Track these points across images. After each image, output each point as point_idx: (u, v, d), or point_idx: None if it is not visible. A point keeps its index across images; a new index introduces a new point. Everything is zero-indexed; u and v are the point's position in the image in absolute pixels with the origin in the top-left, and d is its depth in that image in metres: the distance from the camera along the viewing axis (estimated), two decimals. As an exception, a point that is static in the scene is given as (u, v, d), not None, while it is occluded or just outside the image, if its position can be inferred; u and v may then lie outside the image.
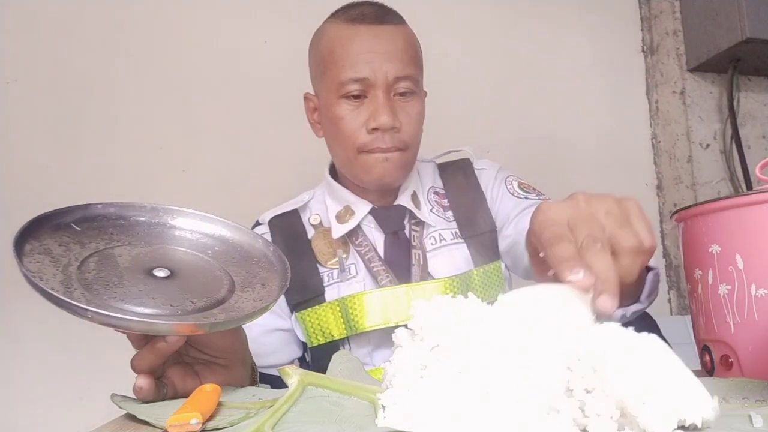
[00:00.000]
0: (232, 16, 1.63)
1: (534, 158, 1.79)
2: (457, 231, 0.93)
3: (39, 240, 0.53)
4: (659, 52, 1.97)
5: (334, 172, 0.98)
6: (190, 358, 0.59)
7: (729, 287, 0.51)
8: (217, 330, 0.54)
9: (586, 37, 1.94)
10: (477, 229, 0.93)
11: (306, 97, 0.97)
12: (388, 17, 0.88)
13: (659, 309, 1.88)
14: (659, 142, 1.96)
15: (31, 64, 1.48)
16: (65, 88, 1.50)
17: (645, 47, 2.00)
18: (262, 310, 0.55)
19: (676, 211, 0.58)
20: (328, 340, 0.88)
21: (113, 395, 0.54)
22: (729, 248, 0.51)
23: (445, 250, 0.92)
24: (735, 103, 1.89)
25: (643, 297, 0.60)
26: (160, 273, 0.56)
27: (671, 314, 1.90)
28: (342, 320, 0.87)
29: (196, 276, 0.58)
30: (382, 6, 0.90)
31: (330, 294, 0.89)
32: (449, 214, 0.95)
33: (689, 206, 0.55)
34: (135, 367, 0.54)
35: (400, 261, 0.90)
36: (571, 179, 1.77)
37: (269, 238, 0.93)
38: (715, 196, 0.53)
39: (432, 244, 0.92)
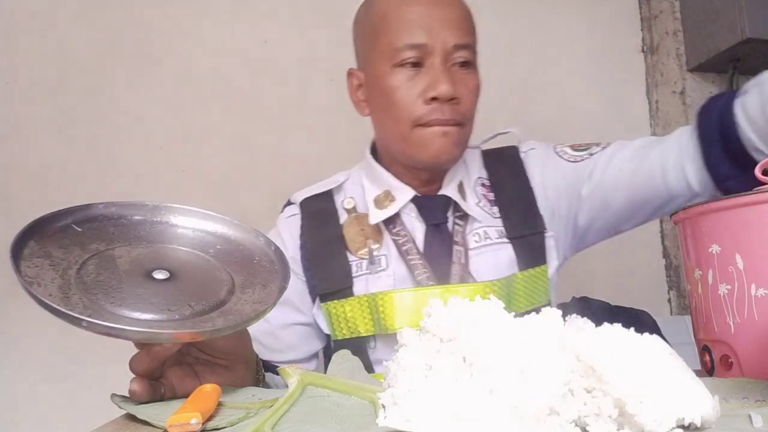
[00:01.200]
0: (232, 16, 1.64)
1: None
2: (503, 230, 0.87)
3: (39, 243, 0.53)
4: (659, 52, 1.97)
5: (375, 155, 0.92)
6: (191, 359, 0.59)
7: (729, 287, 0.51)
8: (216, 336, 0.53)
9: (586, 37, 1.94)
10: (525, 230, 0.87)
11: (350, 73, 0.90)
12: None
13: (659, 309, 1.88)
14: (659, 142, 1.96)
15: (31, 64, 1.48)
16: (65, 88, 1.50)
17: (645, 47, 2.00)
18: (261, 314, 0.55)
19: (676, 211, 0.58)
20: (353, 336, 0.83)
21: (113, 395, 0.54)
22: (729, 248, 0.51)
23: (489, 250, 0.85)
24: (735, 103, 1.89)
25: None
26: (159, 275, 0.55)
27: (671, 314, 1.90)
28: (370, 317, 0.82)
29: (196, 277, 0.57)
30: None
31: (358, 287, 0.84)
32: (495, 209, 0.89)
33: (689, 206, 0.55)
34: (132, 369, 0.54)
35: (440, 257, 0.83)
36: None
37: (299, 222, 0.90)
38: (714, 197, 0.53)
39: (476, 241, 0.85)
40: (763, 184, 0.53)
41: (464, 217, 0.87)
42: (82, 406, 1.39)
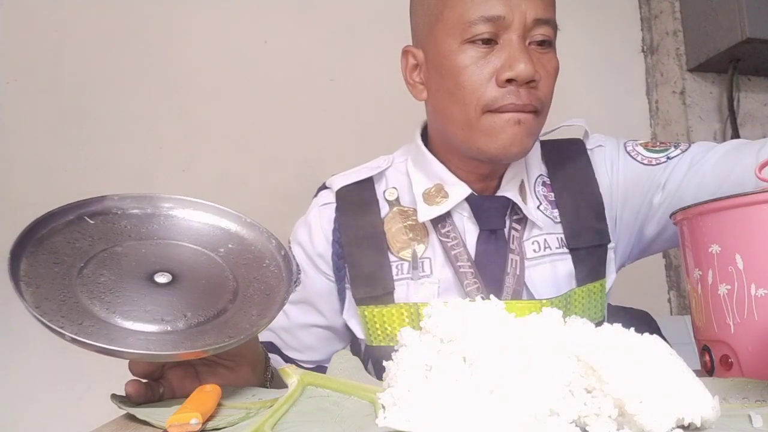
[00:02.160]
0: (232, 16, 1.63)
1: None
2: (563, 239, 0.77)
3: (48, 238, 0.52)
4: (659, 52, 1.97)
5: (426, 141, 0.81)
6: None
7: (729, 287, 0.51)
8: (209, 354, 0.52)
9: (586, 37, 1.94)
10: (588, 241, 0.77)
11: (406, 51, 0.79)
12: None
13: (659, 309, 1.88)
14: (659, 142, 1.96)
15: (31, 64, 1.48)
16: (65, 88, 1.50)
17: (645, 47, 2.00)
18: (255, 331, 0.54)
19: (676, 211, 0.58)
20: (390, 343, 0.75)
21: (113, 395, 0.54)
22: (729, 248, 0.51)
23: (547, 261, 0.76)
24: (735, 103, 1.89)
25: None
26: (161, 279, 0.54)
27: (671, 314, 1.90)
28: (410, 326, 0.74)
29: (199, 282, 0.56)
30: None
31: (399, 292, 0.75)
32: (556, 213, 0.79)
33: (689, 206, 0.55)
34: (131, 370, 0.54)
35: (494, 266, 0.74)
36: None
37: (334, 211, 0.81)
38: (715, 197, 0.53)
39: (534, 251, 0.76)
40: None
41: (522, 221, 0.77)
42: (82, 406, 1.39)
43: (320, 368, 0.82)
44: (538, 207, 0.78)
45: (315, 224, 0.82)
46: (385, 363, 0.45)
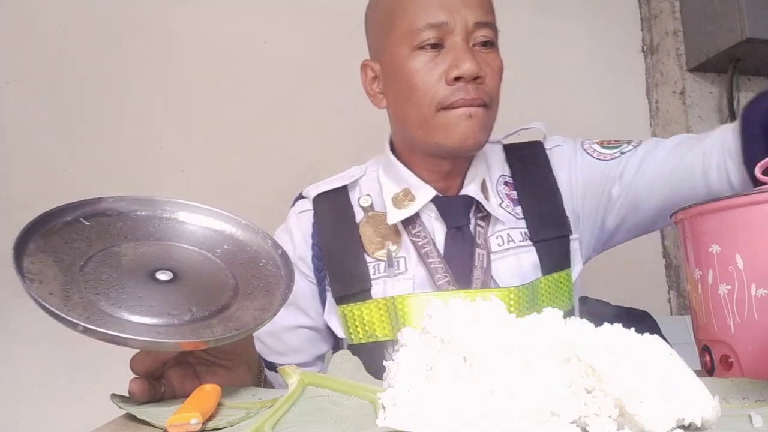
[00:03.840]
0: (232, 16, 1.63)
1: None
2: (527, 232, 0.83)
3: (45, 237, 0.53)
4: (659, 52, 1.97)
5: (393, 150, 0.88)
6: (193, 359, 0.59)
7: (729, 287, 0.51)
8: (213, 346, 0.53)
9: (586, 37, 1.94)
10: (549, 233, 0.83)
11: (364, 65, 0.86)
12: None
13: (659, 309, 1.88)
14: (659, 142, 1.96)
15: (31, 64, 1.48)
16: (65, 88, 1.50)
17: (645, 47, 2.00)
18: (260, 324, 0.54)
19: (676, 211, 0.58)
20: (370, 340, 0.80)
21: (113, 395, 0.54)
22: (729, 248, 0.51)
23: (512, 254, 0.81)
24: (735, 103, 1.89)
25: None
26: (162, 276, 0.55)
27: (671, 314, 1.90)
28: (388, 321, 0.79)
29: (200, 279, 0.57)
30: None
31: (376, 289, 0.80)
32: (518, 209, 0.84)
33: (689, 206, 0.55)
34: (133, 369, 0.54)
35: (462, 261, 0.80)
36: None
37: (312, 217, 0.86)
38: (715, 197, 0.53)
39: (499, 244, 0.82)
40: (764, 183, 0.53)
41: (486, 218, 0.83)
42: (82, 406, 1.39)
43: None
44: (500, 204, 0.84)
45: (295, 230, 0.87)
46: (385, 363, 0.45)
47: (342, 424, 0.43)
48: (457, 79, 0.74)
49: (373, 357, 0.65)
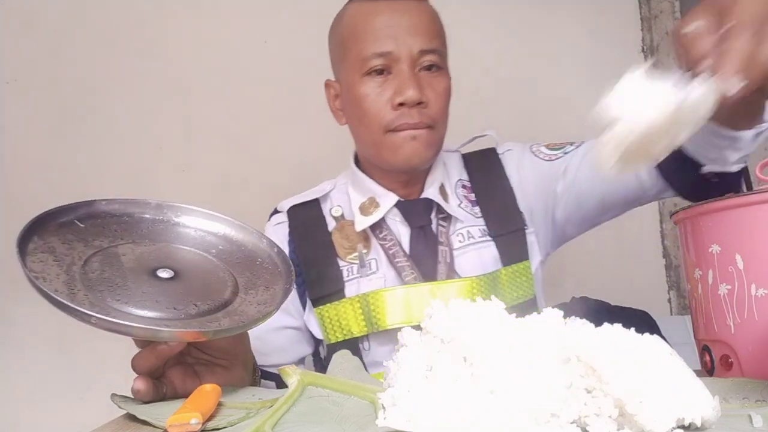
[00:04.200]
0: (232, 16, 1.63)
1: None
2: (486, 228, 0.90)
3: (43, 238, 0.53)
4: (659, 52, 1.97)
5: (358, 163, 0.95)
6: (191, 359, 0.59)
7: (729, 287, 0.51)
8: (221, 336, 0.53)
9: (586, 37, 1.94)
10: (506, 227, 0.90)
11: (327, 84, 0.93)
12: None
13: (659, 309, 1.88)
14: (659, 142, 1.96)
15: (31, 64, 1.48)
16: (65, 88, 1.50)
17: (645, 47, 2.00)
18: (266, 315, 0.55)
19: (676, 211, 0.58)
20: (347, 337, 0.85)
21: (113, 395, 0.54)
22: (729, 248, 0.51)
23: (472, 249, 0.88)
24: (735, 103, 1.89)
25: (766, 119, 0.62)
26: (164, 274, 0.55)
27: (671, 314, 1.90)
28: (362, 317, 0.84)
29: (200, 277, 0.57)
30: None
31: (350, 290, 0.86)
32: (477, 209, 0.91)
33: (689, 206, 0.55)
34: (135, 367, 0.54)
35: (426, 257, 0.86)
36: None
37: (287, 229, 0.92)
38: (714, 197, 0.53)
39: (460, 241, 0.88)
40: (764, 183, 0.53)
41: (447, 218, 0.89)
42: (82, 406, 1.39)
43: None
44: (459, 205, 0.91)
45: (273, 239, 0.92)
46: (385, 363, 0.46)
47: (342, 424, 0.43)
48: (401, 104, 0.81)
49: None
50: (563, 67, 1.91)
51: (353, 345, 0.85)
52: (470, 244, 0.88)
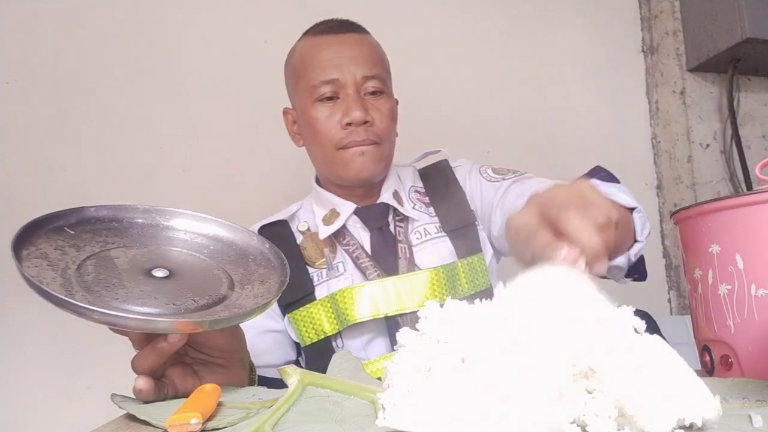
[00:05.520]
0: (232, 16, 1.63)
1: (534, 158, 1.79)
2: (440, 225, 0.97)
3: (34, 244, 0.53)
4: (659, 52, 1.97)
5: (318, 183, 1.03)
6: (189, 359, 0.59)
7: (729, 287, 0.51)
8: (219, 327, 0.54)
9: (586, 37, 1.94)
10: (459, 223, 0.97)
11: (285, 112, 1.04)
12: (353, 27, 0.97)
13: (659, 309, 1.88)
14: (659, 142, 1.96)
15: (31, 64, 1.48)
16: (65, 88, 1.50)
17: (645, 47, 2.00)
18: (264, 306, 0.56)
19: (676, 211, 0.58)
20: (320, 337, 0.91)
21: (113, 395, 0.54)
22: (729, 248, 0.51)
23: (430, 244, 0.95)
24: (735, 103, 1.89)
25: (639, 236, 0.69)
26: (159, 273, 0.56)
27: (671, 314, 1.90)
28: (333, 315, 0.90)
29: (195, 275, 0.58)
30: (346, 20, 0.99)
31: (320, 292, 0.93)
32: (431, 209, 0.99)
33: (689, 206, 0.55)
34: (136, 367, 0.54)
35: (387, 255, 0.93)
36: (570, 179, 1.76)
37: None
38: (715, 196, 0.53)
39: (417, 238, 0.96)
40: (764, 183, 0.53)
41: (404, 219, 0.97)
42: (82, 406, 1.39)
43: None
44: (413, 207, 1.00)
45: None
46: (384, 363, 0.46)
47: (342, 424, 0.43)
48: (348, 124, 0.90)
49: (324, 354, 0.81)
50: (563, 66, 1.91)
51: (327, 344, 0.91)
52: (427, 240, 0.96)
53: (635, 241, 0.70)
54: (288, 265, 0.62)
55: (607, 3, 1.97)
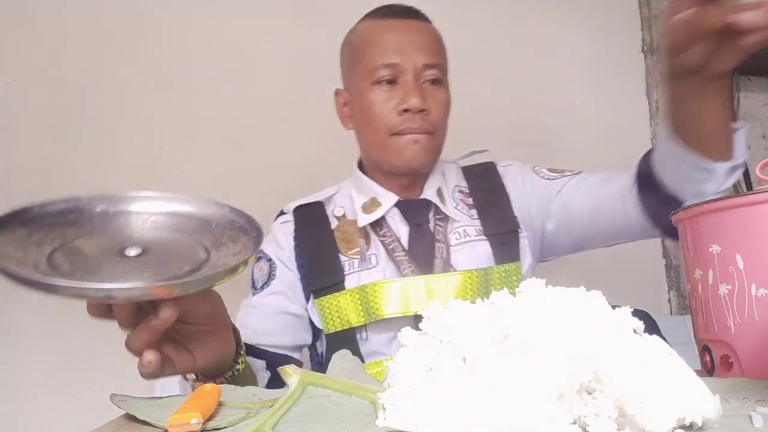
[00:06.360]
0: (232, 16, 1.63)
1: (534, 158, 1.78)
2: (481, 228, 0.96)
3: None
4: (659, 52, 1.97)
5: (361, 169, 1.02)
6: (175, 333, 0.60)
7: (729, 287, 0.51)
8: (206, 286, 0.54)
9: (586, 37, 1.94)
10: (500, 228, 0.96)
11: (336, 93, 1.02)
12: (417, 14, 0.97)
13: (659, 309, 1.88)
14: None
15: (31, 64, 1.48)
16: (65, 88, 1.50)
17: (645, 47, 2.00)
18: (245, 262, 0.55)
19: (676, 211, 0.58)
20: (345, 327, 0.90)
21: (113, 395, 0.54)
22: (729, 248, 0.51)
23: (468, 246, 0.94)
24: (735, 103, 1.89)
25: (739, 156, 0.73)
26: (133, 252, 0.55)
27: (671, 314, 1.90)
28: (361, 307, 0.89)
29: (169, 247, 0.57)
30: (410, 6, 0.98)
31: (350, 282, 0.91)
32: (473, 212, 0.98)
33: (689, 206, 0.55)
34: (131, 347, 0.55)
35: (424, 253, 0.92)
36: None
37: (292, 227, 0.98)
38: (715, 196, 0.53)
39: (456, 239, 0.94)
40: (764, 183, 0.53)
41: (444, 218, 0.96)
42: (82, 406, 1.39)
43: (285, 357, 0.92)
44: (455, 207, 0.98)
45: (279, 236, 0.99)
46: (385, 363, 0.46)
47: (342, 424, 0.43)
48: (405, 110, 0.90)
49: (347, 344, 0.81)
50: (563, 66, 1.91)
51: (351, 335, 0.90)
52: (466, 241, 0.94)
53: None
54: (256, 221, 0.60)
55: (607, 3, 1.97)
